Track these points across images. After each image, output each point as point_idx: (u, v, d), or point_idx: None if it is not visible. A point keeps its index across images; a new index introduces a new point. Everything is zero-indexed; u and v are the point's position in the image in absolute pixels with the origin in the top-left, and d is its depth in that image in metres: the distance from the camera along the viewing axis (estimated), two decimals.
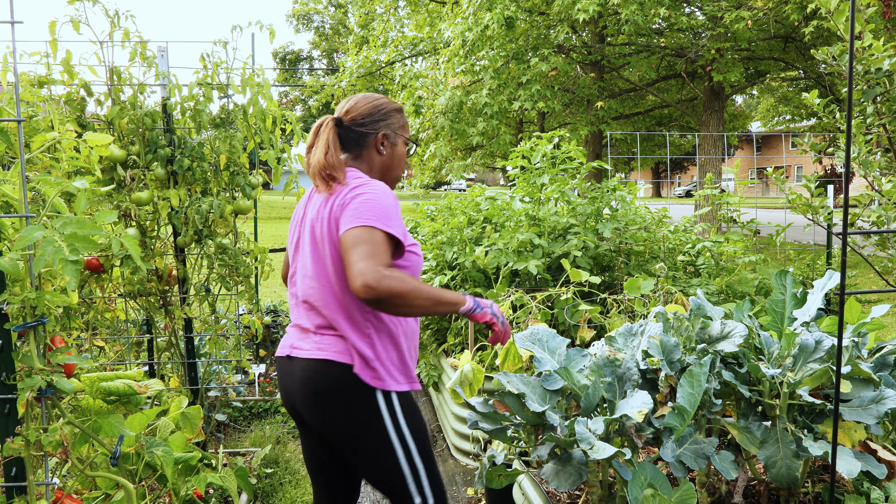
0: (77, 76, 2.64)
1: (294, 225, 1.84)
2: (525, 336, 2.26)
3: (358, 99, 1.84)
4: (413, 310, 1.58)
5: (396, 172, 1.88)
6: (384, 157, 1.84)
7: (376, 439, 1.68)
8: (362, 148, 1.81)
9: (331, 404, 1.68)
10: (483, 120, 11.29)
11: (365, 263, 1.51)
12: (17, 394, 1.63)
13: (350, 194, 1.65)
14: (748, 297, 3.86)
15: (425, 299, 1.57)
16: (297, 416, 1.82)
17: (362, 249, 1.54)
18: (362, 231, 1.57)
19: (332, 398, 1.67)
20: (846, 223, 1.46)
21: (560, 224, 4.13)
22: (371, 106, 1.82)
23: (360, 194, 1.64)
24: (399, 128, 1.87)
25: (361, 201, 1.62)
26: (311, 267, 1.71)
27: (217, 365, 3.40)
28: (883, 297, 4.73)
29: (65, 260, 1.47)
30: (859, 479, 1.94)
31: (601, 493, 2.04)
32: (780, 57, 13.26)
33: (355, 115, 1.81)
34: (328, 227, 1.66)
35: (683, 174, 43.39)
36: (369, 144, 1.81)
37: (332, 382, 1.66)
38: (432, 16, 15.66)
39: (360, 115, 1.81)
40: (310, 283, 1.71)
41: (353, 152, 1.81)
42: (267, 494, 3.01)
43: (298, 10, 39.70)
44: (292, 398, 1.77)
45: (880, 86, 2.88)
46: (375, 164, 1.83)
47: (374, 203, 1.62)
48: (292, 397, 1.76)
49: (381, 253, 1.56)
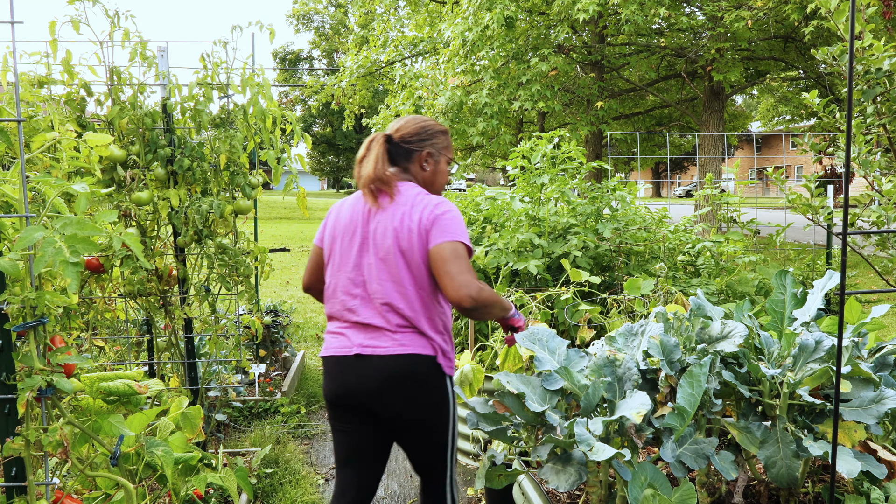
0: (77, 76, 2.64)
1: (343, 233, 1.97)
2: (525, 336, 2.26)
3: (408, 119, 2.05)
4: (490, 316, 1.93)
5: (437, 187, 2.07)
6: (427, 172, 2.03)
7: (442, 420, 1.95)
8: (409, 163, 2.01)
9: (415, 392, 1.90)
10: (483, 120, 11.29)
11: (465, 277, 1.80)
12: (17, 394, 1.63)
13: (437, 210, 1.88)
14: (748, 297, 3.86)
15: (499, 307, 1.93)
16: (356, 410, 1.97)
17: (460, 264, 1.82)
18: (457, 246, 1.85)
19: (417, 386, 1.90)
20: (846, 223, 1.46)
21: (560, 224, 4.13)
22: (418, 126, 2.03)
23: (447, 211, 1.89)
24: (443, 148, 2.06)
25: (449, 218, 1.88)
26: (396, 273, 1.89)
27: (217, 365, 3.40)
28: (883, 297, 4.73)
29: (65, 262, 1.47)
30: (859, 479, 1.93)
31: (601, 493, 2.04)
32: (780, 57, 13.25)
33: (404, 133, 2.01)
34: (418, 236, 1.87)
35: (683, 174, 43.39)
36: (414, 160, 2.01)
37: (420, 373, 1.89)
38: (432, 16, 15.65)
39: (408, 134, 2.01)
40: (391, 287, 1.89)
41: (401, 166, 2.01)
42: (267, 494, 3.01)
43: (298, 10, 39.68)
44: (358, 393, 1.92)
45: (880, 86, 2.88)
46: (419, 178, 2.02)
47: (458, 219, 1.89)
48: (358, 389, 1.91)
49: (470, 266, 1.84)
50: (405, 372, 1.88)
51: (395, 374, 1.88)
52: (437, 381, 1.93)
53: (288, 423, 3.96)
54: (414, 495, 3.18)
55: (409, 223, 1.87)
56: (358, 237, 1.94)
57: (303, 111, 40.96)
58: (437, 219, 1.87)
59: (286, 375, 4.56)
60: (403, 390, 1.89)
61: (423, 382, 1.91)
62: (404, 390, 1.89)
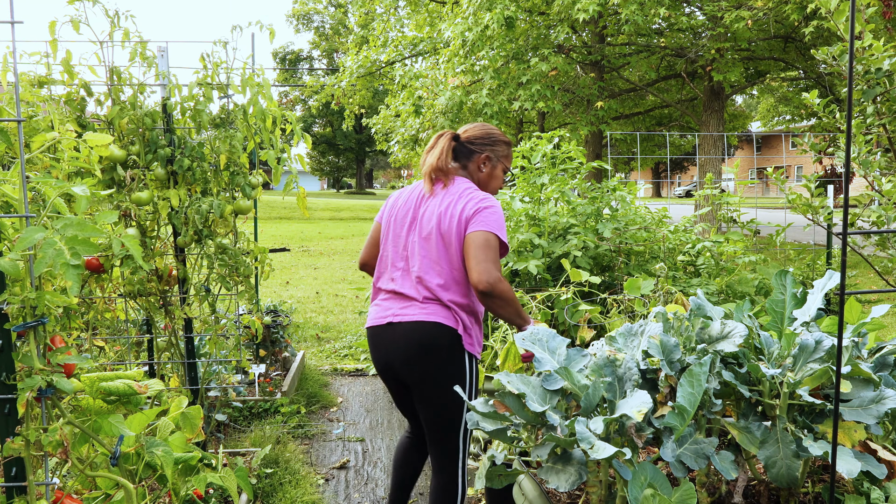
0: (77, 76, 2.64)
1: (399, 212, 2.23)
2: (525, 336, 2.26)
3: (477, 125, 2.30)
4: (505, 313, 2.09)
5: (490, 189, 2.29)
6: (483, 174, 2.27)
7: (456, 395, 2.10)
8: (468, 161, 2.25)
9: (432, 357, 2.09)
10: (483, 120, 11.29)
11: (488, 265, 2.00)
12: (17, 394, 1.63)
13: (482, 203, 2.09)
14: (748, 297, 3.86)
15: (514, 309, 2.09)
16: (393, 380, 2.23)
17: (488, 252, 2.02)
18: (490, 237, 2.04)
19: (435, 352, 2.09)
20: (846, 223, 1.46)
21: (560, 224, 4.13)
22: (484, 132, 2.28)
23: (490, 206, 2.09)
24: (502, 156, 2.29)
25: (491, 212, 2.08)
26: (434, 251, 2.11)
27: (217, 365, 3.40)
28: (883, 297, 4.73)
29: (66, 264, 1.47)
30: (859, 479, 1.93)
31: (601, 492, 2.04)
32: (780, 57, 13.25)
33: (470, 135, 2.26)
34: (458, 222, 2.08)
35: (683, 174, 43.40)
36: (474, 160, 2.25)
37: (439, 340, 2.09)
38: (432, 16, 15.65)
39: (473, 136, 2.26)
40: (427, 263, 2.11)
41: (461, 163, 2.25)
42: (267, 494, 3.02)
43: (298, 10, 39.69)
44: (391, 358, 2.14)
45: (880, 86, 2.88)
46: (475, 178, 2.26)
47: (499, 216, 2.09)
48: (391, 357, 2.14)
49: (497, 259, 2.04)
50: (428, 337, 2.08)
51: (419, 340, 2.08)
52: (457, 352, 2.10)
53: (288, 423, 3.96)
54: (415, 495, 3.18)
55: (453, 210, 2.09)
56: (409, 217, 2.18)
57: (303, 111, 40.96)
58: (479, 211, 2.07)
59: (286, 375, 4.56)
60: (424, 355, 2.08)
61: (442, 350, 2.09)
62: (425, 355, 2.08)
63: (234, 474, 2.37)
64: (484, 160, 2.26)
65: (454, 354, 2.11)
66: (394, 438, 3.92)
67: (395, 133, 14.34)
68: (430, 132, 12.27)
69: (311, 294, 8.75)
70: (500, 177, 2.31)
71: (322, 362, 5.56)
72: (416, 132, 12.86)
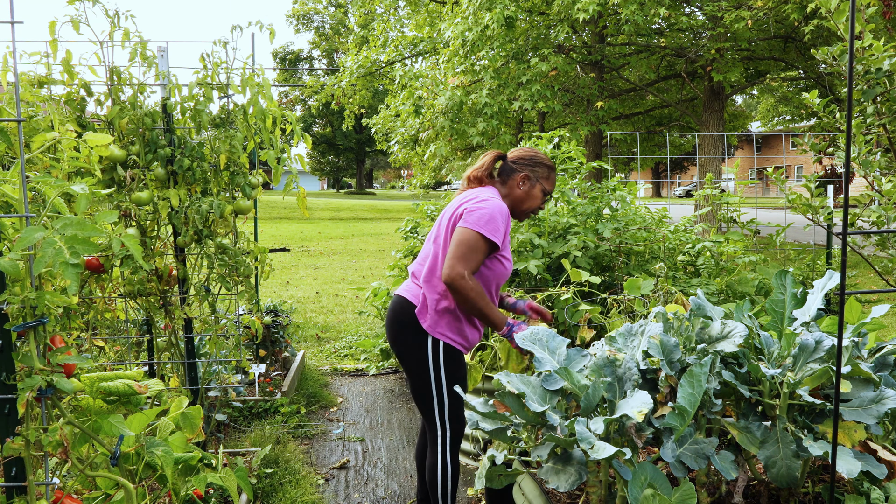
0: (77, 76, 2.64)
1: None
2: (525, 336, 2.26)
3: (526, 148, 2.50)
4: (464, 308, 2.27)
5: (524, 207, 2.45)
6: (520, 192, 2.43)
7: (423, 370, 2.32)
8: (509, 178, 2.43)
9: (397, 330, 2.37)
10: (483, 120, 11.28)
11: (457, 261, 2.17)
12: (17, 394, 1.63)
13: (475, 204, 2.26)
14: (748, 297, 3.86)
15: (474, 307, 2.23)
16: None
17: (462, 249, 2.18)
18: (471, 234, 2.19)
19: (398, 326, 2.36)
20: (846, 223, 1.46)
21: (560, 224, 4.13)
22: (530, 154, 2.47)
23: (482, 207, 2.24)
24: (542, 177, 2.45)
25: (481, 213, 2.22)
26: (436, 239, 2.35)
27: (217, 365, 3.40)
28: (883, 297, 4.73)
29: (65, 263, 1.47)
30: (859, 479, 1.93)
31: (601, 493, 2.04)
32: (780, 57, 13.25)
33: (516, 155, 2.47)
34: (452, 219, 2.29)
35: (683, 174, 43.40)
36: (515, 177, 2.43)
37: (401, 316, 2.35)
38: (432, 16, 15.65)
39: (518, 157, 2.46)
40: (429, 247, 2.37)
41: (502, 178, 2.45)
42: (267, 494, 3.01)
43: (298, 10, 39.68)
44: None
45: (880, 86, 2.88)
46: (513, 194, 2.43)
47: (489, 216, 2.22)
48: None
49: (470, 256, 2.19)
50: (394, 309, 2.38)
51: (391, 311, 2.40)
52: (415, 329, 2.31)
53: (288, 423, 3.96)
54: (414, 495, 3.18)
55: (458, 207, 2.30)
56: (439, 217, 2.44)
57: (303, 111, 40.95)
58: (470, 210, 2.23)
59: (286, 375, 4.56)
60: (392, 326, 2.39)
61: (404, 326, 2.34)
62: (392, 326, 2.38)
63: (234, 474, 2.37)
64: (523, 178, 2.42)
65: (413, 330, 2.32)
66: (393, 438, 3.92)
67: (395, 133, 14.34)
68: (430, 132, 12.28)
69: (311, 294, 8.75)
70: (538, 197, 2.45)
71: (322, 362, 5.56)
72: (415, 132, 12.86)
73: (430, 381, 2.33)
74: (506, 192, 2.42)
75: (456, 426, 2.37)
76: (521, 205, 2.44)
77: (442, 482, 2.37)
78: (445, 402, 2.34)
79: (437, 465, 2.36)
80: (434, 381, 2.32)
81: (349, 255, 13.38)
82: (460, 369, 2.37)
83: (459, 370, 2.37)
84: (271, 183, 3.02)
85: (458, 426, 2.37)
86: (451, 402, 2.34)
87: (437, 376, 2.32)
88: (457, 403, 2.36)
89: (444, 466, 2.36)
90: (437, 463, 2.36)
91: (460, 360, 2.38)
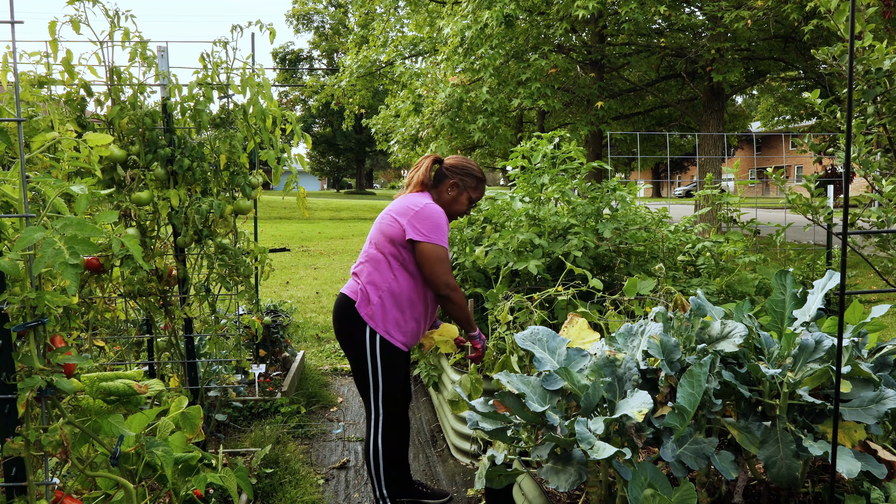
0: (77, 76, 2.64)
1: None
2: (525, 336, 2.26)
3: (460, 157, 2.77)
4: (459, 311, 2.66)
5: (450, 212, 2.71)
6: (448, 197, 2.70)
7: (359, 355, 2.61)
8: (440, 183, 2.71)
9: (340, 323, 2.64)
10: (483, 116, 11.27)
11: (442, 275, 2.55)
12: (17, 394, 1.63)
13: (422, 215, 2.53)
14: (748, 297, 3.86)
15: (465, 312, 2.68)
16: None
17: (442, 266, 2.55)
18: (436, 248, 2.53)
19: (341, 320, 2.63)
20: (846, 223, 1.46)
21: (560, 224, 4.12)
22: (462, 164, 2.74)
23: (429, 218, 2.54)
24: (470, 187, 2.72)
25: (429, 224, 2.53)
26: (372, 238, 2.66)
27: (217, 365, 3.40)
28: (883, 297, 4.73)
29: (65, 263, 1.47)
30: (859, 478, 1.93)
31: (601, 493, 2.04)
32: (780, 57, 13.24)
33: (450, 163, 2.73)
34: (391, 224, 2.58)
35: (683, 174, 43.40)
36: (445, 183, 2.70)
37: (344, 311, 2.62)
38: (432, 15, 15.64)
39: (451, 165, 2.73)
40: (366, 246, 2.67)
41: (434, 183, 2.73)
42: (267, 494, 3.01)
43: (298, 10, 39.68)
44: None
45: (880, 86, 2.88)
46: (441, 199, 2.70)
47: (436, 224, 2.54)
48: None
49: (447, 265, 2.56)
50: (338, 306, 2.65)
51: (335, 307, 2.67)
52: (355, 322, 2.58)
53: (288, 423, 3.96)
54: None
55: (397, 216, 2.57)
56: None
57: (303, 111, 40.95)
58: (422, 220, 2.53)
59: (286, 375, 4.56)
60: (336, 320, 2.65)
61: (345, 316, 2.61)
62: (336, 320, 2.65)
63: (234, 474, 2.37)
64: (452, 185, 2.69)
65: (353, 323, 2.59)
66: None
67: (395, 133, 14.34)
68: (430, 131, 12.27)
69: (311, 294, 8.75)
70: (464, 203, 2.72)
71: (322, 362, 5.56)
72: (416, 132, 12.85)
73: (367, 368, 2.60)
74: (436, 196, 2.69)
75: (390, 410, 2.67)
76: (447, 208, 2.69)
77: (374, 461, 2.67)
78: (380, 388, 2.62)
79: (370, 447, 2.66)
80: (371, 369, 2.60)
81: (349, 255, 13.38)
82: (394, 358, 2.63)
83: (393, 359, 2.63)
84: (271, 183, 3.02)
85: (391, 411, 2.68)
86: (385, 388, 2.63)
87: (374, 364, 2.59)
88: (392, 391, 2.65)
89: (377, 448, 2.66)
90: (371, 445, 2.66)
91: (395, 350, 2.63)
